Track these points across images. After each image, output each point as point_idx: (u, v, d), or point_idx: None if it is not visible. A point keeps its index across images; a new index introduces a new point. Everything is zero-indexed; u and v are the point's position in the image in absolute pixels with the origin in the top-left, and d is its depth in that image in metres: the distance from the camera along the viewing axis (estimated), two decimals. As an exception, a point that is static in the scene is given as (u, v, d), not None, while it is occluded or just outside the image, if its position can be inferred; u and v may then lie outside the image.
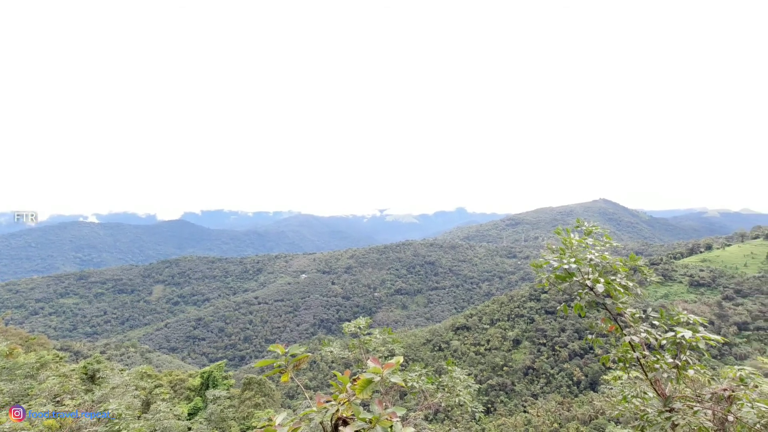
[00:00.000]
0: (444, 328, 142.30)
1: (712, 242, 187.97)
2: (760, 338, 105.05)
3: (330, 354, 11.77)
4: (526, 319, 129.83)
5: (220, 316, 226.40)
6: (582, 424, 71.30)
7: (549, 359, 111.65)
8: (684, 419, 6.17)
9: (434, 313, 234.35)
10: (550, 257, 6.70)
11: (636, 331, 6.29)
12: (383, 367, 3.83)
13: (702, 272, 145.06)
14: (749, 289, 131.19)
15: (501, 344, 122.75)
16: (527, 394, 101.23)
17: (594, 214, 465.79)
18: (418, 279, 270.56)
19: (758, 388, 6.86)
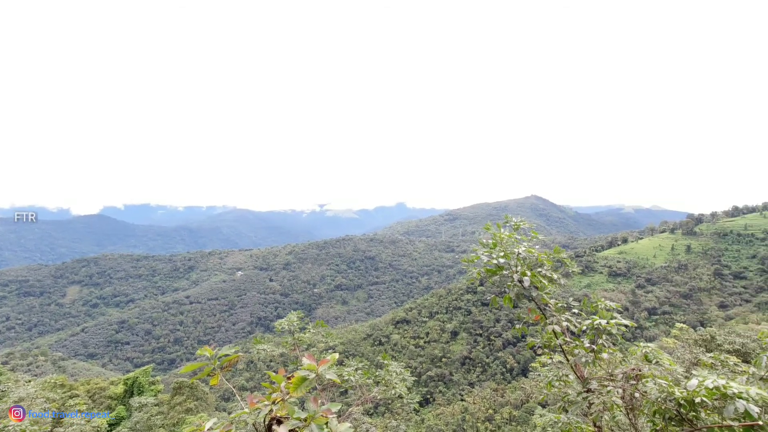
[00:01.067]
0: (384, 322, 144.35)
1: (628, 236, 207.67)
2: (666, 321, 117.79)
3: (263, 352, 11.38)
4: (463, 311, 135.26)
5: (146, 318, 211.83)
6: (514, 409, 75.73)
7: (485, 349, 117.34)
8: (599, 398, 6.75)
9: (375, 307, 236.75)
10: (481, 252, 6.98)
11: (558, 319, 6.75)
12: (318, 363, 3.78)
13: (619, 263, 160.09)
14: (657, 277, 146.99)
15: (440, 336, 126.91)
16: (464, 383, 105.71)
17: (526, 210, 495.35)
18: (359, 274, 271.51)
19: (660, 365, 7.67)
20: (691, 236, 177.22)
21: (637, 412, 7.25)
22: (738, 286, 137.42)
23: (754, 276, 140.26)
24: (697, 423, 6.12)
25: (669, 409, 6.19)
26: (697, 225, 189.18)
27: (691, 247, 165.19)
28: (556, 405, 8.46)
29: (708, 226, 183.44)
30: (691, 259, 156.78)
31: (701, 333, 23.72)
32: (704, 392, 5.54)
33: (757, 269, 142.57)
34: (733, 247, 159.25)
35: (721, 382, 5.45)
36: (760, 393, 5.35)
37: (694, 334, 23.24)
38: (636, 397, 6.67)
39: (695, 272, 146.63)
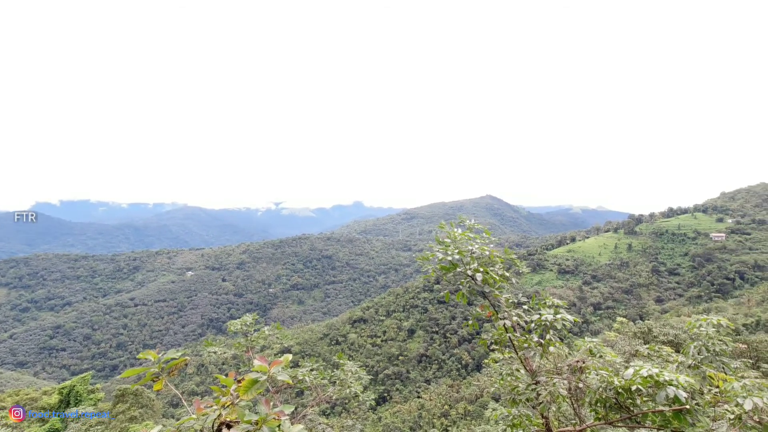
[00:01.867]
0: (341, 321, 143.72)
1: (576, 235, 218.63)
2: (609, 316, 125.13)
3: (214, 355, 10.98)
4: (420, 309, 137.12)
5: (85, 322, 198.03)
6: (469, 403, 77.70)
7: (441, 346, 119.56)
8: (546, 390, 7.10)
9: (331, 307, 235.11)
10: (436, 249, 7.12)
11: (509, 315, 7.00)
12: (270, 365, 3.69)
13: (568, 261, 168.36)
14: (602, 274, 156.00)
15: (397, 335, 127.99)
16: (421, 381, 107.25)
17: (482, 209, 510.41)
18: (315, 273, 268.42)
19: (602, 358, 8.17)
20: (632, 235, 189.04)
21: (581, 402, 7.69)
22: (672, 282, 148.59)
23: (686, 272, 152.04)
24: (634, 409, 6.58)
25: (609, 397, 6.61)
26: (637, 225, 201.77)
27: (631, 245, 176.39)
28: (507, 398, 8.76)
29: (646, 226, 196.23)
30: (632, 256, 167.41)
31: (640, 326, 25.27)
32: (639, 381, 6.01)
33: (688, 266, 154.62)
34: (668, 245, 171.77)
35: (654, 370, 5.92)
36: (688, 380, 5.85)
37: (633, 327, 24.76)
38: (580, 387, 7.07)
39: (635, 269, 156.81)
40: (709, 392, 7.62)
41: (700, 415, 7.17)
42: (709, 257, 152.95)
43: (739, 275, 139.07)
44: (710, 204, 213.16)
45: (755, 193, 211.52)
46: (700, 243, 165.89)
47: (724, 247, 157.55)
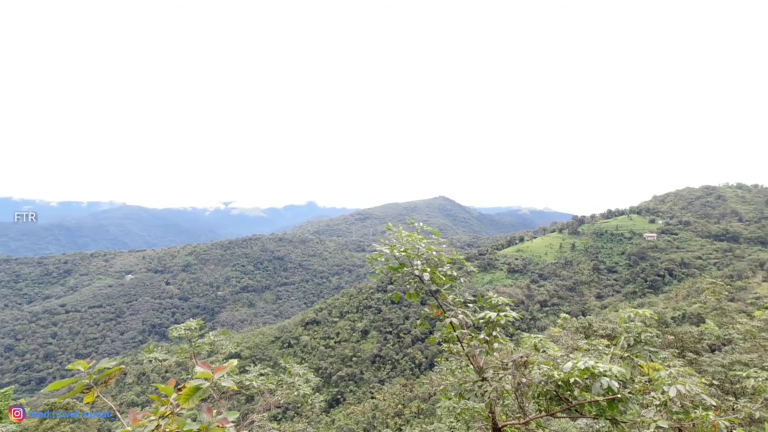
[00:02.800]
0: (294, 323, 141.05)
1: (524, 235, 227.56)
2: (554, 312, 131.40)
3: (155, 362, 10.37)
4: (373, 309, 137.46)
5: (7, 332, 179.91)
6: (422, 402, 78.80)
7: (394, 346, 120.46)
8: (492, 385, 7.36)
9: (283, 309, 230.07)
10: (384, 249, 7.19)
11: (456, 313, 7.18)
12: (214, 371, 3.53)
13: (516, 260, 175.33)
14: (548, 273, 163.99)
15: (350, 336, 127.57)
16: (375, 381, 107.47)
17: (435, 210, 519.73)
18: (267, 275, 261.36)
19: (545, 352, 8.59)
20: (575, 235, 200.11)
21: (525, 395, 8.05)
22: (611, 279, 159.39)
23: (623, 270, 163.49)
24: (572, 401, 6.98)
25: (550, 390, 6.96)
26: (580, 226, 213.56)
27: (575, 245, 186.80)
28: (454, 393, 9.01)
29: (588, 227, 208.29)
30: (575, 256, 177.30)
31: (581, 321, 26.67)
32: (577, 373, 6.37)
33: (625, 264, 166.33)
34: (608, 245, 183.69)
35: (590, 363, 6.30)
36: (620, 370, 6.26)
37: (575, 323, 26.09)
38: (523, 382, 7.41)
39: (578, 267, 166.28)
40: (639, 381, 8.22)
41: (631, 403, 7.75)
42: (643, 256, 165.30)
43: (668, 272, 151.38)
44: (644, 206, 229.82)
45: (682, 197, 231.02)
46: (635, 242, 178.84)
47: (655, 246, 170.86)
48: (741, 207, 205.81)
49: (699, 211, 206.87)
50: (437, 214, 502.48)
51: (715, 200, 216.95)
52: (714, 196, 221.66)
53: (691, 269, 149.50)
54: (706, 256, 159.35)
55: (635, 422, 7.04)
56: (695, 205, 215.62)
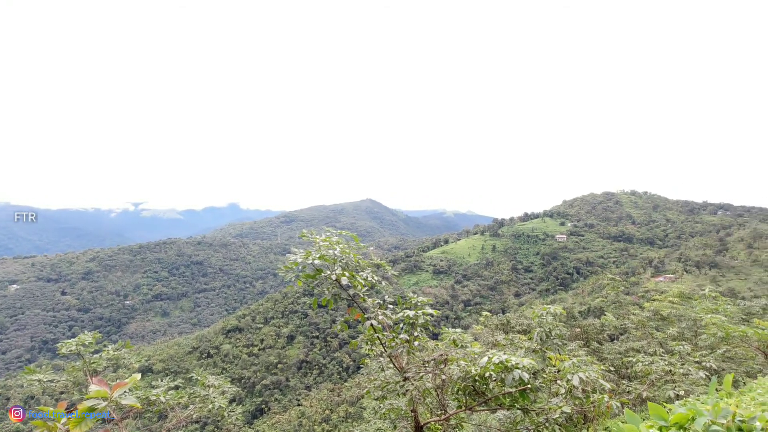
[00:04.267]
0: (214, 332, 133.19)
1: (449, 237, 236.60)
2: (477, 311, 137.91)
3: (38, 384, 9.02)
4: (300, 314, 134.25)
5: None
6: (350, 405, 78.33)
7: (322, 350, 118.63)
8: (413, 384, 7.41)
9: (202, 317, 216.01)
10: (299, 256, 6.96)
11: (376, 315, 7.12)
12: (113, 388, 3.07)
13: (442, 262, 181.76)
14: (471, 273, 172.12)
15: (275, 342, 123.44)
16: (301, 388, 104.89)
17: (362, 213, 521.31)
18: (183, 281, 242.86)
19: (464, 348, 8.87)
20: (496, 237, 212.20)
21: (445, 392, 8.24)
22: (527, 278, 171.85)
23: (538, 269, 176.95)
24: (489, 394, 7.30)
25: (468, 385, 7.21)
26: (500, 228, 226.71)
27: (495, 246, 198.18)
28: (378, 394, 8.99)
29: (507, 229, 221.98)
30: (496, 256, 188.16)
31: (500, 318, 28.16)
32: (492, 367, 6.67)
33: (539, 264, 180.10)
34: (525, 246, 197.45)
35: (504, 357, 6.62)
36: (531, 362, 6.66)
37: (495, 320, 27.51)
38: (443, 379, 7.57)
39: (499, 268, 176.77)
40: (550, 371, 8.79)
41: (542, 392, 8.28)
42: (555, 256, 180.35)
43: (576, 270, 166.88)
44: (555, 210, 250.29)
45: (587, 202, 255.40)
46: (548, 243, 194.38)
47: (565, 247, 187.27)
48: (634, 211, 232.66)
49: (601, 215, 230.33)
50: (364, 216, 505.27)
51: (614, 205, 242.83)
52: (613, 201, 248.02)
53: (594, 267, 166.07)
54: (607, 255, 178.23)
55: (543, 409, 7.52)
56: (598, 210, 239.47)
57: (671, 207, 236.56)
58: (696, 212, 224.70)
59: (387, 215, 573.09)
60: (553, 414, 7.30)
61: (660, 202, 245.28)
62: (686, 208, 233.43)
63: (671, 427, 2.58)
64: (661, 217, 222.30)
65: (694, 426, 2.49)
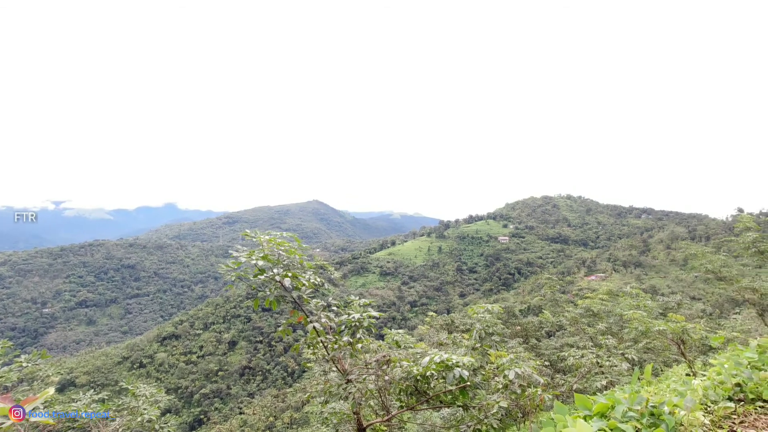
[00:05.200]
0: (147, 340, 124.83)
1: (396, 239, 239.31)
2: (423, 311, 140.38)
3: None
4: (242, 318, 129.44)
5: None
6: (295, 411, 76.55)
7: (265, 356, 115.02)
8: (356, 387, 7.35)
9: (134, 324, 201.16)
10: (241, 257, 6.72)
11: (319, 317, 6.99)
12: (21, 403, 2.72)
13: (389, 263, 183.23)
14: (418, 275, 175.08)
15: (216, 348, 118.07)
16: (244, 395, 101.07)
17: (308, 214, 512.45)
18: (113, 286, 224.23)
19: (407, 349, 8.97)
20: (442, 239, 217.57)
21: (388, 393, 8.26)
22: (472, 278, 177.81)
23: (482, 270, 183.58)
24: (430, 392, 7.41)
25: (410, 385, 7.27)
26: (446, 230, 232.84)
27: (441, 248, 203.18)
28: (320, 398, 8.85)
29: (453, 231, 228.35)
30: (442, 258, 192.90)
31: (445, 318, 28.80)
32: (434, 367, 6.77)
33: (483, 264, 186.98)
34: (469, 247, 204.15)
35: (446, 356, 6.75)
36: (471, 360, 6.84)
37: (440, 320, 28.07)
38: (386, 380, 7.57)
39: (444, 269, 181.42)
40: (489, 368, 9.07)
41: (481, 389, 8.54)
42: (498, 257, 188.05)
43: (518, 270, 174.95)
44: (498, 213, 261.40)
45: (527, 205, 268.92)
46: (492, 245, 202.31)
47: (507, 248, 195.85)
48: (569, 214, 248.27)
49: (540, 218, 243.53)
50: (311, 218, 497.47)
51: (552, 208, 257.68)
52: (551, 205, 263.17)
53: (534, 267, 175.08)
54: (545, 256, 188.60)
55: (482, 405, 7.76)
56: (537, 213, 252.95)
57: (602, 210, 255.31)
58: (623, 216, 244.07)
59: (334, 217, 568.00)
60: (491, 409, 7.54)
61: (592, 206, 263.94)
62: (615, 211, 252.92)
63: (594, 416, 2.77)
64: (594, 220, 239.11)
65: (613, 413, 2.70)
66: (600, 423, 2.66)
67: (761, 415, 2.85)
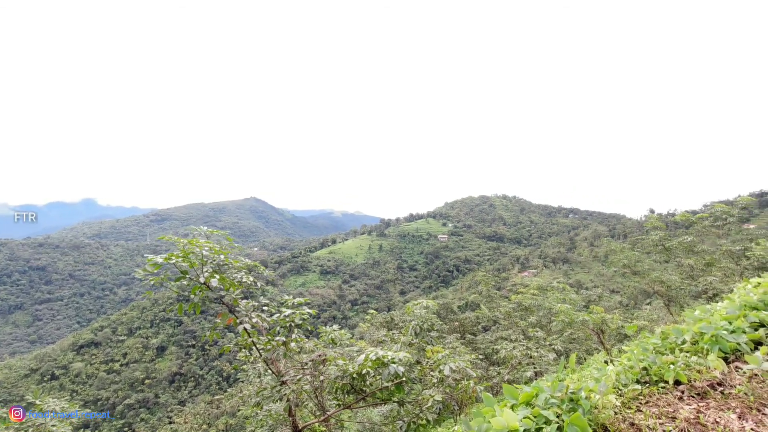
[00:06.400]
0: (61, 349, 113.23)
1: (337, 237, 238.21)
2: (364, 310, 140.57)
3: None
4: (173, 322, 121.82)
5: None
6: (230, 417, 73.37)
7: (198, 360, 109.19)
8: (290, 388, 7.12)
9: (45, 332, 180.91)
10: (158, 258, 6.26)
11: (250, 318, 6.70)
12: None
13: (329, 262, 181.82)
14: (359, 273, 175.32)
15: (142, 355, 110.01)
16: (174, 404, 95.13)
17: (246, 212, 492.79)
18: (18, 291, 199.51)
19: (343, 347, 8.87)
20: (383, 237, 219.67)
21: (323, 393, 8.12)
22: (412, 276, 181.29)
23: (422, 268, 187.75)
24: (367, 390, 7.38)
25: (346, 384, 7.18)
26: (387, 228, 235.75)
27: (382, 246, 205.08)
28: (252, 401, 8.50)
29: (394, 229, 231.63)
30: (383, 256, 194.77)
31: (384, 316, 29.04)
32: (370, 364, 6.73)
33: (423, 262, 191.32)
34: (410, 245, 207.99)
35: (381, 353, 6.73)
36: (406, 356, 6.88)
37: (380, 318, 28.27)
38: (322, 380, 7.43)
39: (385, 267, 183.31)
40: (426, 364, 9.22)
41: (418, 384, 8.66)
42: (437, 254, 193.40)
43: (456, 268, 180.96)
44: (438, 211, 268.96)
45: (465, 204, 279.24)
46: (431, 243, 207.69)
47: (446, 246, 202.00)
48: (505, 213, 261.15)
49: (478, 216, 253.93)
50: (248, 216, 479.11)
51: (489, 207, 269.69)
52: (488, 204, 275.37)
53: (472, 265, 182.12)
54: (482, 254, 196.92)
55: (418, 400, 7.86)
56: (475, 212, 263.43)
57: (535, 210, 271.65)
58: (553, 215, 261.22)
59: (273, 215, 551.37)
60: (427, 403, 7.65)
61: (526, 206, 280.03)
62: (546, 211, 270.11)
63: (520, 404, 2.92)
64: (527, 219, 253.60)
65: (537, 401, 2.86)
66: (525, 411, 2.85)
67: (662, 395, 3.16)
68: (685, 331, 3.89)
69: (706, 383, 3.13)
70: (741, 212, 18.13)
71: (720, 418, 2.75)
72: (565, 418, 2.64)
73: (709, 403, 2.98)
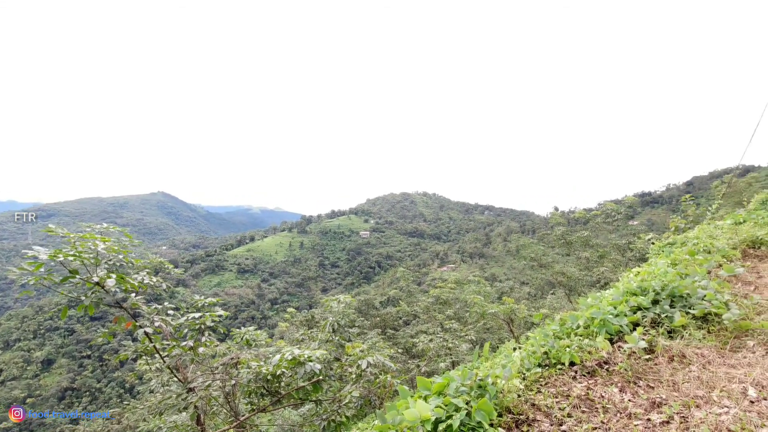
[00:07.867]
0: None
1: (255, 234, 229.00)
2: (284, 309, 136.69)
3: None
4: (62, 331, 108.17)
5: None
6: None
7: (95, 372, 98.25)
8: (198, 395, 6.62)
9: None
10: (42, 254, 5.45)
11: (151, 321, 6.11)
12: None
13: (247, 260, 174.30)
14: (279, 271, 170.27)
15: (23, 371, 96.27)
16: (65, 423, 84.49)
17: (152, 207, 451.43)
18: None
19: (258, 348, 8.48)
20: (304, 234, 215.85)
21: (234, 397, 7.69)
22: (334, 273, 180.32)
23: (344, 264, 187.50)
24: (282, 391, 7.14)
25: (260, 387, 6.88)
26: (308, 225, 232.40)
27: (303, 243, 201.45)
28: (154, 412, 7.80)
29: (315, 226, 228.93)
30: (304, 253, 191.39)
31: (305, 315, 28.52)
32: (285, 364, 6.50)
33: (345, 259, 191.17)
34: (332, 242, 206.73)
35: (297, 352, 6.53)
36: (324, 353, 6.78)
37: (301, 316, 27.69)
38: (233, 383, 7.02)
39: (306, 264, 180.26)
40: (345, 360, 9.14)
41: (336, 381, 8.57)
42: (359, 251, 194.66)
43: (378, 264, 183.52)
44: (360, 208, 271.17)
45: (387, 201, 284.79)
46: (353, 240, 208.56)
47: (369, 243, 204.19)
48: (425, 210, 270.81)
49: (399, 213, 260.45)
50: (155, 211, 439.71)
51: (410, 204, 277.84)
52: (409, 201, 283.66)
53: (393, 261, 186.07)
54: (404, 250, 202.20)
55: (336, 398, 7.79)
56: (397, 208, 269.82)
57: (453, 207, 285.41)
58: (470, 212, 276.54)
59: (184, 211, 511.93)
60: (345, 400, 7.60)
61: (445, 203, 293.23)
62: (464, 208, 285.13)
63: (433, 395, 3.01)
64: (446, 215, 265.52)
65: (448, 390, 2.97)
66: (437, 400, 2.98)
67: (559, 376, 3.55)
68: (579, 317, 4.38)
69: (595, 362, 3.60)
70: (627, 210, 20.79)
71: (605, 392, 3.20)
72: (473, 405, 2.78)
73: (597, 380, 3.43)
